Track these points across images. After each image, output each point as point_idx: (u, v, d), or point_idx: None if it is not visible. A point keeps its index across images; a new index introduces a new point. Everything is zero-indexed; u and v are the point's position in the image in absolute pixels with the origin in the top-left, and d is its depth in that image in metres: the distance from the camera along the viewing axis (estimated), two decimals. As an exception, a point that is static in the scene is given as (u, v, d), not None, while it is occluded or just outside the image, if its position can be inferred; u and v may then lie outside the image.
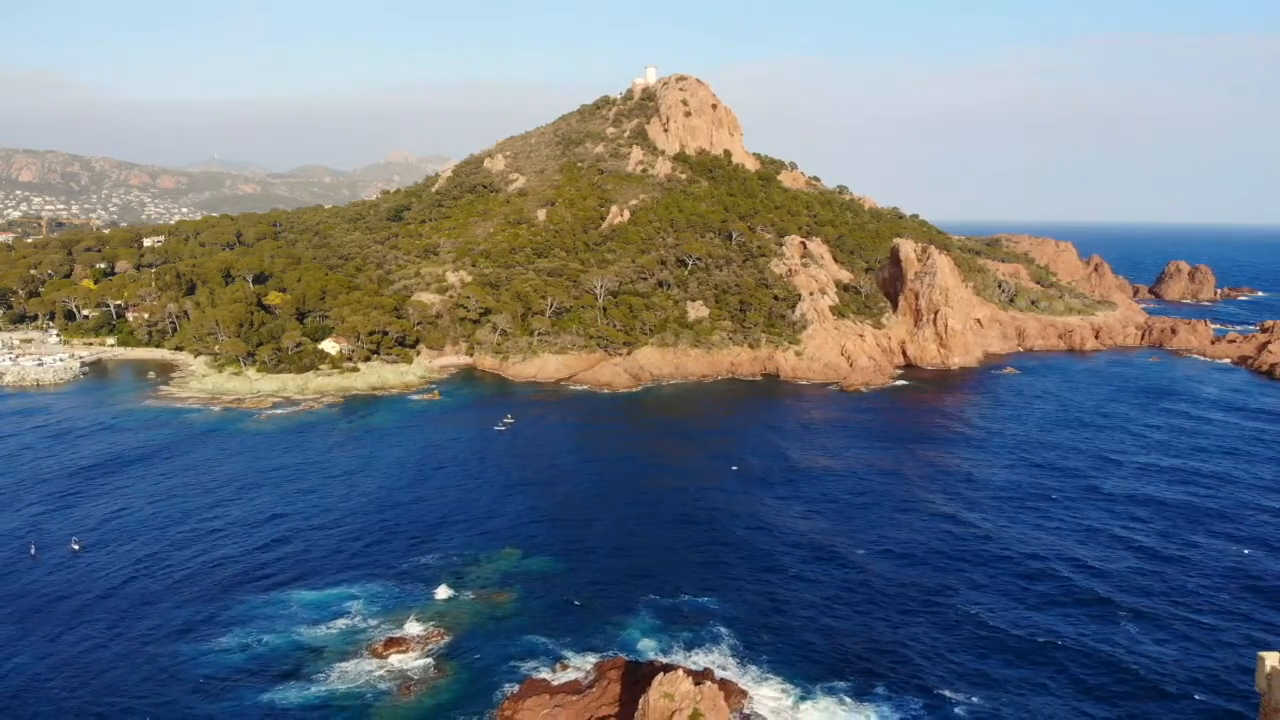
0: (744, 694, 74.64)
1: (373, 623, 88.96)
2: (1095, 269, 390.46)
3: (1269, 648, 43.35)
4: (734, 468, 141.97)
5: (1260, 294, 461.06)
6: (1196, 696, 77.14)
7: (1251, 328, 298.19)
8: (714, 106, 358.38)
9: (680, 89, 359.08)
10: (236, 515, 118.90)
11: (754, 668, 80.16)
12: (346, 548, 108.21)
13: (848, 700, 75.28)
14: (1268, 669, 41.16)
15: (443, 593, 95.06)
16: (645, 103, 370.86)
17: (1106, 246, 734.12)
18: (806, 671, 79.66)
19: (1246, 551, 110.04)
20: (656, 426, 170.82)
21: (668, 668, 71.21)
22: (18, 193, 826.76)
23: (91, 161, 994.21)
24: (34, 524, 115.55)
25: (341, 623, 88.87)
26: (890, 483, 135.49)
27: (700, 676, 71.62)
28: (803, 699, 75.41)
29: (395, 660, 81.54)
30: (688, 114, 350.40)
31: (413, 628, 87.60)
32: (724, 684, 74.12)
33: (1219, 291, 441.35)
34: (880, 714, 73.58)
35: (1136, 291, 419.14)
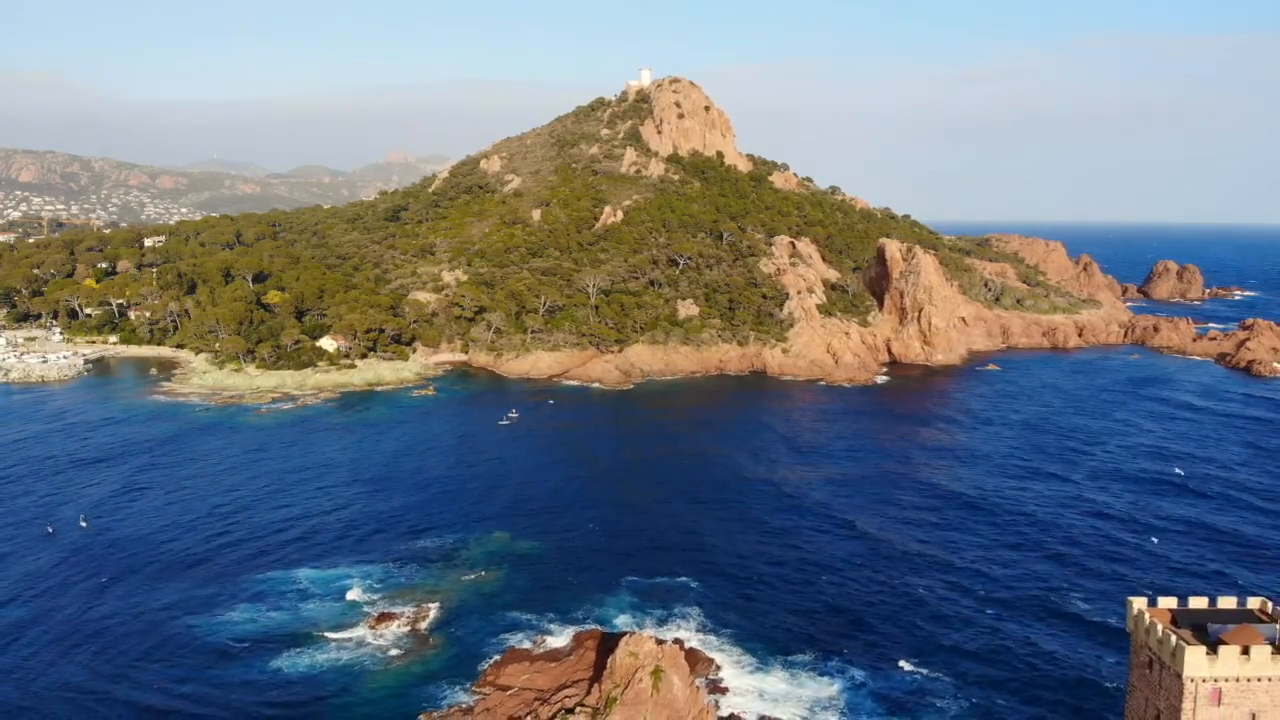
0: (710, 661, 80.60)
1: (370, 598, 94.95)
2: (1084, 268, 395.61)
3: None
4: (719, 459, 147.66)
5: (1249, 293, 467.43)
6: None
7: (1233, 326, 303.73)
8: (707, 109, 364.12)
9: (674, 91, 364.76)
10: (241, 502, 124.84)
11: (719, 640, 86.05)
12: (347, 532, 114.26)
13: (803, 671, 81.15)
14: (1135, 611, 46.84)
15: (434, 572, 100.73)
16: (639, 105, 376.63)
17: (1105, 246, 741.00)
18: (770, 645, 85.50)
19: (1204, 519, 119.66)
20: (648, 421, 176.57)
21: (639, 636, 76.56)
22: (18, 193, 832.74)
23: (91, 162, 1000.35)
24: (49, 508, 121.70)
25: (341, 599, 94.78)
26: (867, 472, 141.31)
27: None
28: (762, 667, 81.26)
29: (389, 632, 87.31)
30: (681, 116, 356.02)
31: (405, 604, 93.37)
32: (690, 652, 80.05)
33: (1207, 291, 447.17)
34: (831, 682, 79.34)
35: (1125, 291, 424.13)
